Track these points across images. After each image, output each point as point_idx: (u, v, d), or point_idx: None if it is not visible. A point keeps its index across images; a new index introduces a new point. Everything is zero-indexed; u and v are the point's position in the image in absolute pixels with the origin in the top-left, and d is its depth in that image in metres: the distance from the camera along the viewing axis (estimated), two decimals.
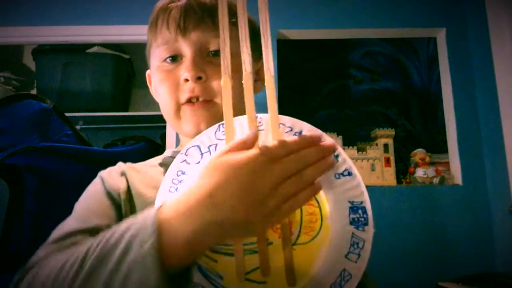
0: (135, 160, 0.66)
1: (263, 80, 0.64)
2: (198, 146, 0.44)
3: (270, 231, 0.38)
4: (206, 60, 0.58)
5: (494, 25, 1.75)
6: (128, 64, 2.47)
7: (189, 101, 0.58)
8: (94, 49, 2.27)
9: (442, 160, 2.03)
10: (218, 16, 0.56)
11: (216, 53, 0.58)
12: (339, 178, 0.40)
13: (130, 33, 2.03)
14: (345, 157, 0.41)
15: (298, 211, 0.39)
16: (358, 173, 0.41)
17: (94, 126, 2.41)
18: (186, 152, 0.44)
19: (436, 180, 1.91)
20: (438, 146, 2.34)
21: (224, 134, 0.42)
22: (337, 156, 0.40)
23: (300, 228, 0.39)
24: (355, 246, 0.39)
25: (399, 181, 1.99)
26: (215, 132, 0.44)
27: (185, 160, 0.43)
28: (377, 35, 2.20)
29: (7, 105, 1.49)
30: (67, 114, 1.69)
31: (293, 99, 2.44)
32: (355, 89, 2.60)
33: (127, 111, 2.48)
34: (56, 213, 1.69)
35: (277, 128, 0.40)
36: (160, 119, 2.43)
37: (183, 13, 0.58)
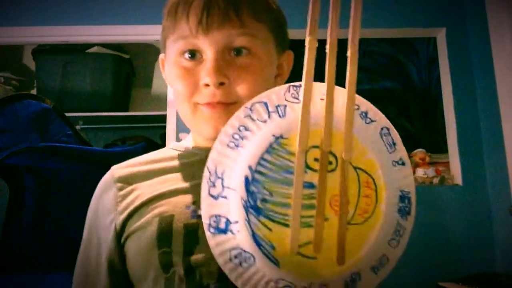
0: None
1: (282, 75, 0.62)
2: (266, 103, 0.40)
3: (328, 207, 0.37)
4: (229, 60, 0.53)
5: (494, 25, 1.74)
6: (128, 64, 2.47)
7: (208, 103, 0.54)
8: (94, 49, 2.27)
9: (442, 160, 2.03)
10: (243, 8, 0.53)
11: (240, 51, 0.53)
12: (395, 166, 0.41)
13: (130, 33, 2.03)
14: (401, 146, 0.41)
15: (355, 191, 0.38)
16: (409, 163, 0.42)
17: (94, 126, 2.41)
18: (251, 107, 0.40)
19: (436, 180, 1.91)
20: (438, 146, 2.34)
21: (293, 97, 0.39)
22: (394, 144, 0.41)
23: (356, 209, 0.39)
24: (397, 233, 0.40)
25: None
26: (284, 93, 0.40)
27: (249, 115, 0.39)
28: (377, 35, 2.19)
29: (7, 105, 1.49)
30: (67, 114, 1.69)
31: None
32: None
33: (127, 111, 2.48)
34: (55, 212, 1.70)
35: (352, 104, 0.38)
36: (160, 119, 2.43)
37: (206, 7, 0.52)
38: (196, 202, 0.52)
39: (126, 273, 0.55)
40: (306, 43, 0.38)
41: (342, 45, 0.38)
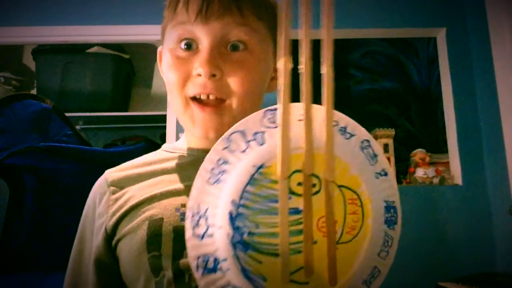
0: None
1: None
2: (243, 132, 0.38)
3: (315, 230, 0.37)
4: (224, 54, 0.53)
5: (494, 25, 1.75)
6: (128, 64, 2.47)
7: (199, 97, 0.53)
8: (94, 49, 2.27)
9: (442, 160, 2.03)
10: (245, 3, 0.52)
11: (236, 47, 0.53)
12: (377, 178, 0.41)
13: (130, 33, 2.03)
14: (383, 156, 0.41)
15: (341, 210, 0.38)
16: (392, 172, 0.42)
17: (94, 126, 2.42)
18: (228, 137, 0.38)
19: (436, 180, 1.91)
20: (438, 146, 2.34)
21: (271, 122, 0.39)
22: (376, 156, 0.41)
23: (343, 227, 0.38)
24: (386, 244, 0.40)
25: (399, 181, 1.99)
26: (261, 119, 0.39)
27: (227, 147, 0.38)
28: (377, 35, 2.20)
29: (7, 105, 1.49)
30: (67, 114, 1.69)
31: (293, 99, 2.44)
32: (355, 89, 2.60)
33: (127, 111, 2.48)
34: (55, 212, 1.69)
35: (331, 126, 0.38)
36: (160, 119, 2.42)
37: None
38: (186, 205, 0.52)
39: (118, 274, 0.55)
40: (281, 65, 0.37)
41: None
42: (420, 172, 1.93)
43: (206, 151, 0.57)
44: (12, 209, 1.55)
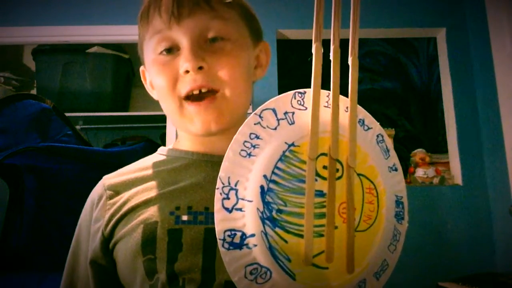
0: (135, 160, 0.65)
1: (262, 67, 0.62)
2: (274, 110, 0.39)
3: (336, 215, 0.37)
4: (205, 48, 0.53)
5: (494, 25, 1.74)
6: (128, 64, 2.47)
7: (191, 95, 0.53)
8: (94, 49, 2.27)
9: (442, 160, 2.03)
10: None
11: (215, 39, 0.54)
12: (390, 172, 0.42)
13: (130, 33, 2.03)
14: (393, 151, 0.43)
15: (360, 198, 0.38)
16: (401, 168, 0.43)
17: (94, 126, 2.42)
18: (260, 114, 0.39)
19: (436, 180, 1.91)
20: (438, 146, 2.34)
21: (299, 104, 0.39)
22: (388, 151, 0.42)
23: (361, 216, 0.38)
24: (394, 238, 0.41)
25: None
26: (291, 100, 0.39)
27: (259, 122, 0.38)
28: (377, 35, 2.20)
29: (7, 105, 1.49)
30: (67, 114, 1.69)
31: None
32: None
33: (127, 111, 2.48)
34: (55, 212, 1.69)
35: (355, 112, 0.39)
36: (160, 119, 2.42)
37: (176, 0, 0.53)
38: (180, 208, 0.52)
39: (115, 277, 0.55)
40: (313, 50, 0.38)
41: (342, 44, 0.40)
42: (420, 172, 1.93)
43: (200, 154, 0.58)
44: (12, 209, 1.55)
